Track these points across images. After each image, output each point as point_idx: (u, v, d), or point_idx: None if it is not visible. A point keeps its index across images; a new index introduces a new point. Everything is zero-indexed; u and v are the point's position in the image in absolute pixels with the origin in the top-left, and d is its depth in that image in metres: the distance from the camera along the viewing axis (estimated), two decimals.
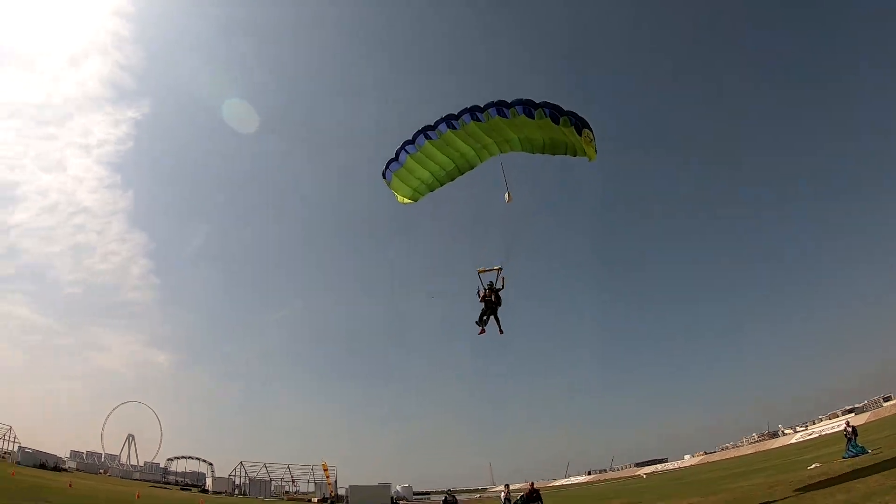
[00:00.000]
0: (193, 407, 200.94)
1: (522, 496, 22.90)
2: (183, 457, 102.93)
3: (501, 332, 17.67)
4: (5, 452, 73.46)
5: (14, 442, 78.07)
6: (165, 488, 77.16)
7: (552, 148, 15.71)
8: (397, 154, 16.54)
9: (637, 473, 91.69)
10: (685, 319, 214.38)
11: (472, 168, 17.36)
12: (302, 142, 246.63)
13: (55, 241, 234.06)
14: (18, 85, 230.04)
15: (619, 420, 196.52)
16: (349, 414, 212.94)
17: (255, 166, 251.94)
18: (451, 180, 17.69)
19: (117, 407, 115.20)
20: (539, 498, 22.32)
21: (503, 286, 17.75)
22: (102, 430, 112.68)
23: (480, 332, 17.63)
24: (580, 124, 14.23)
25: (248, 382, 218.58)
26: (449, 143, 15.94)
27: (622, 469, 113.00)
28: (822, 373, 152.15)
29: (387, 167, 17.01)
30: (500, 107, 14.45)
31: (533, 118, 14.30)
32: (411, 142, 16.08)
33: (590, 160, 15.07)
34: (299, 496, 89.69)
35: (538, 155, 16.33)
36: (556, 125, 14.20)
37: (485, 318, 17.56)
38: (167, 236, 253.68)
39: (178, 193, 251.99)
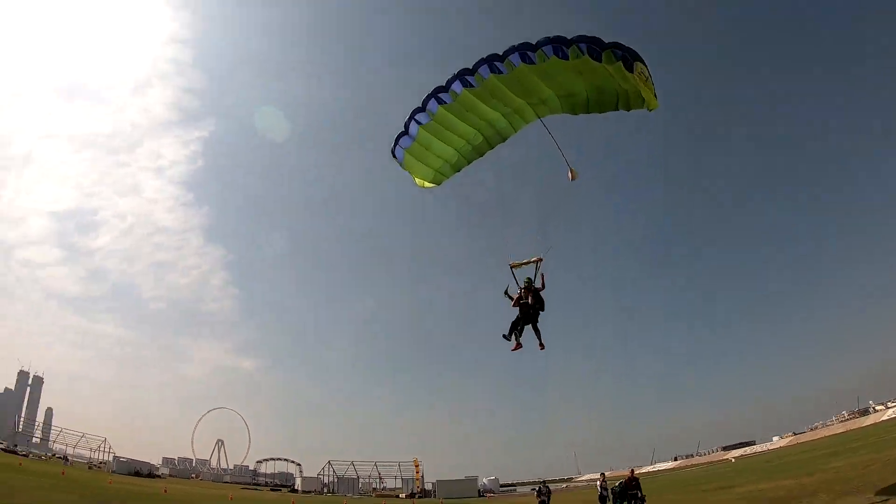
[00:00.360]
0: (279, 409, 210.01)
1: (621, 483, 21.75)
2: (272, 458, 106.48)
3: (542, 346, 13.79)
4: (101, 462, 78.71)
5: (109, 452, 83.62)
6: (256, 490, 79.54)
7: (600, 102, 12.18)
8: (406, 125, 13.29)
9: (725, 457, 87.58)
10: (758, 296, 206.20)
11: (505, 140, 14.02)
12: (361, 145, 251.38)
13: (136, 261, 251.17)
14: (88, 117, 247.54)
15: (700, 403, 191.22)
16: (429, 408, 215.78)
17: (320, 172, 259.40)
18: (480, 156, 14.37)
19: (206, 413, 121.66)
20: (638, 486, 21.28)
21: (544, 285, 13.94)
22: (192, 436, 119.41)
23: (514, 348, 13.83)
24: (629, 57, 10.87)
25: (331, 382, 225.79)
26: (468, 107, 12.66)
27: (709, 454, 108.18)
28: None
29: (396, 143, 13.75)
30: (524, 50, 11.41)
31: (567, 59, 11.18)
32: (421, 109, 12.81)
33: (649, 108, 11.58)
34: (387, 492, 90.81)
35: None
36: (597, 63, 11.04)
37: (518, 327, 13.92)
38: (243, 248, 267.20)
39: (249, 205, 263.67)
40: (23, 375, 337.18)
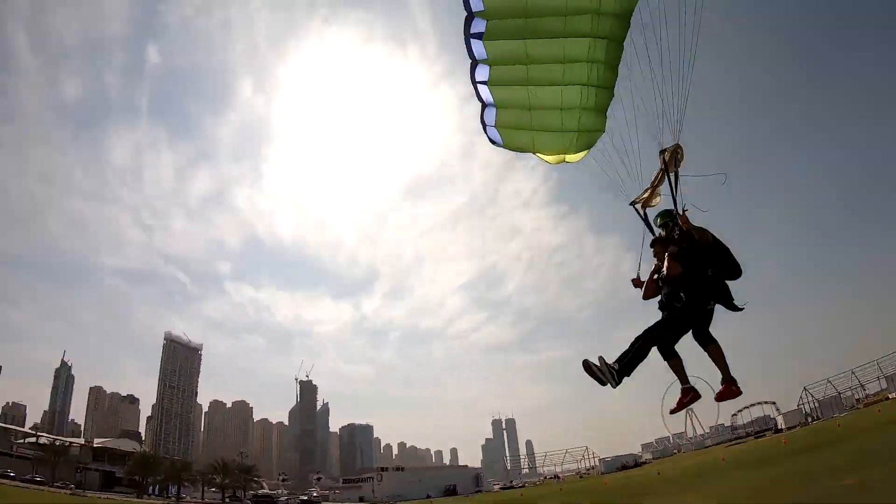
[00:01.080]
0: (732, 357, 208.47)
1: None
2: (744, 407, 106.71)
3: (734, 386, 6.37)
4: (589, 468, 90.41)
5: (593, 457, 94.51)
6: (742, 442, 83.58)
7: None
8: (476, 92, 7.45)
9: None
10: None
11: (627, 23, 6.51)
12: None
13: (548, 285, 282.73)
14: (444, 199, 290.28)
15: None
16: None
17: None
18: (611, 84, 7.05)
19: (667, 390, 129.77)
20: None
21: (691, 227, 6.24)
22: (662, 415, 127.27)
23: (679, 406, 6.82)
24: None
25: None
26: (525, 7, 6.40)
27: None
28: None
29: (482, 122, 7.77)
30: None
31: None
32: (472, 60, 7.08)
33: None
34: (880, 397, 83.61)
35: None
36: None
37: (665, 345, 6.28)
38: (631, 228, 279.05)
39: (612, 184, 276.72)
40: (496, 423, 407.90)
